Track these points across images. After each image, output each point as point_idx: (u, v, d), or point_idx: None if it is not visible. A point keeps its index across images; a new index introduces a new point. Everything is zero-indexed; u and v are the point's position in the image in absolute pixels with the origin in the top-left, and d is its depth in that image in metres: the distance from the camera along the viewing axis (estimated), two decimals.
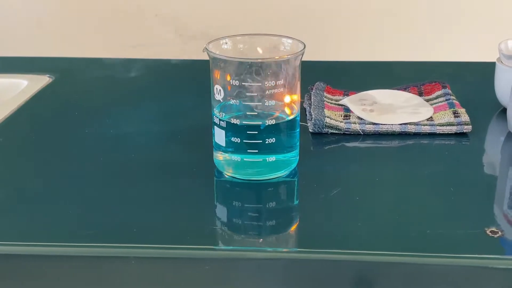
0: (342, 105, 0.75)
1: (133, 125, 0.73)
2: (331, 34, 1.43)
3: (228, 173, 0.60)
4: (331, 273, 0.49)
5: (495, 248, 0.48)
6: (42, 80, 0.87)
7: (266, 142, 0.57)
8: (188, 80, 0.90)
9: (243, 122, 0.57)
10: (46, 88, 0.85)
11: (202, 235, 0.51)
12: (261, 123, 0.57)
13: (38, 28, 1.51)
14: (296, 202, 0.59)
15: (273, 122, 0.57)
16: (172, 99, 0.82)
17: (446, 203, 0.55)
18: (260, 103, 0.57)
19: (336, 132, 0.69)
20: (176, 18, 1.46)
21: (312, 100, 0.75)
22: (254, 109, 0.57)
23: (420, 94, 0.78)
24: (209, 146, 0.62)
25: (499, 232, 0.50)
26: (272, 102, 0.57)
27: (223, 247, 0.50)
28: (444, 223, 0.52)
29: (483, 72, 0.81)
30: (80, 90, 0.87)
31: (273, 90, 0.56)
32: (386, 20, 1.40)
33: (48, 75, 0.89)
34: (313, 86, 0.80)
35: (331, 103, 0.76)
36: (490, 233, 0.50)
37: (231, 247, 0.51)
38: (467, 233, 0.50)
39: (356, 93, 0.79)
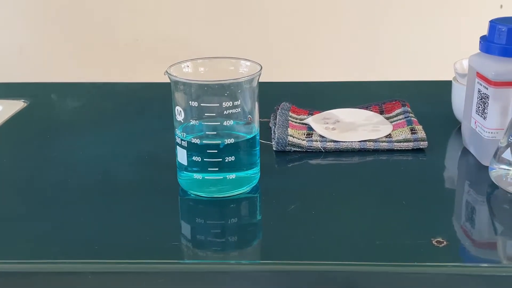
0: (306, 124, 0.78)
1: (102, 147, 0.76)
2: (299, 57, 1.48)
3: (192, 191, 0.62)
4: (287, 282, 0.51)
5: (439, 257, 0.51)
6: (16, 105, 0.89)
7: (226, 160, 0.60)
8: (157, 102, 0.93)
9: (203, 142, 0.60)
10: (20, 112, 0.87)
11: (162, 251, 0.53)
12: (220, 142, 0.60)
13: (19, 54, 1.55)
14: (257, 217, 0.61)
15: (232, 141, 0.60)
16: (142, 121, 0.85)
17: (397, 215, 0.58)
18: (219, 123, 0.60)
19: (299, 150, 0.72)
20: (155, 43, 1.50)
21: (277, 120, 0.78)
22: (214, 129, 0.60)
23: (381, 112, 0.81)
24: (175, 166, 0.64)
25: (444, 242, 0.52)
26: (231, 122, 0.60)
27: (181, 261, 0.52)
28: (393, 234, 0.55)
29: (442, 90, 0.84)
30: (53, 114, 0.89)
31: (231, 110, 0.59)
32: (349, 41, 1.46)
33: (23, 100, 0.91)
34: (279, 106, 0.83)
35: (295, 122, 0.79)
36: (435, 243, 0.52)
37: (190, 260, 0.53)
38: (414, 244, 0.53)
39: (320, 112, 0.82)
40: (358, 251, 0.52)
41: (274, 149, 0.72)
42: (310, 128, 0.77)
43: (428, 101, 0.87)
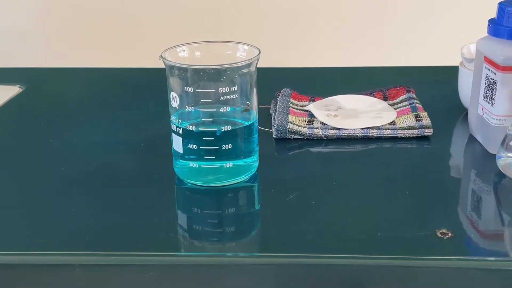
0: (307, 110, 0.76)
1: (97, 134, 0.73)
2: (302, 40, 1.44)
3: (188, 180, 0.60)
4: (286, 276, 0.49)
5: (444, 249, 0.49)
6: (11, 91, 0.87)
7: (223, 148, 0.58)
8: (155, 88, 0.90)
9: (199, 129, 0.58)
10: (14, 98, 0.85)
11: (155, 242, 0.51)
12: (216, 129, 0.57)
13: (20, 40, 1.52)
14: (255, 207, 0.59)
15: (229, 128, 0.58)
16: (138, 107, 0.83)
17: (400, 206, 0.56)
18: (216, 110, 0.57)
19: (299, 137, 0.70)
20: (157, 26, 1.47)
21: (277, 106, 0.76)
22: (210, 116, 0.58)
23: (385, 98, 0.79)
24: (171, 154, 0.62)
25: (449, 234, 0.50)
26: (228, 108, 0.57)
27: (173, 253, 0.50)
28: (396, 226, 0.52)
29: (448, 76, 0.82)
30: (48, 100, 0.87)
31: (227, 96, 0.57)
32: (353, 26, 1.42)
33: (19, 85, 0.89)
34: (280, 92, 0.80)
35: (296, 108, 0.76)
36: (440, 235, 0.50)
37: (183, 252, 0.51)
38: (417, 235, 0.50)
39: (322, 99, 0.79)
40: (360, 243, 0.50)
41: (274, 136, 0.70)
42: (311, 115, 0.74)
43: (433, 87, 0.84)
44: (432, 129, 0.69)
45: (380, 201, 0.57)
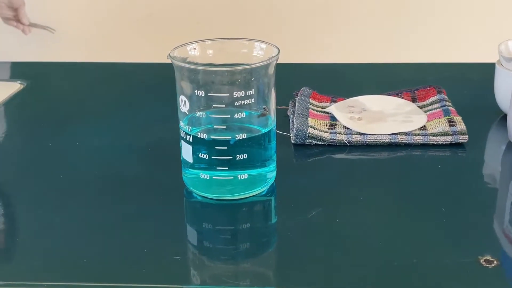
0: (328, 112, 0.70)
1: (100, 136, 0.68)
2: (321, 34, 1.35)
3: (197, 191, 0.54)
4: None
5: (489, 279, 0.43)
6: (12, 87, 0.82)
7: (237, 158, 0.52)
8: (165, 85, 0.84)
9: (211, 137, 0.52)
10: (15, 96, 0.80)
11: (161, 267, 0.45)
12: (230, 137, 0.51)
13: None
14: (271, 225, 0.53)
15: (244, 136, 0.52)
16: (147, 106, 0.77)
17: (437, 226, 0.50)
18: (229, 116, 0.52)
19: (320, 143, 0.64)
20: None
21: (296, 108, 0.70)
22: (223, 122, 0.52)
23: (414, 100, 0.72)
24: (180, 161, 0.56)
25: (495, 262, 0.44)
26: (243, 114, 0.51)
27: (184, 286, 0.45)
28: (432, 251, 0.46)
29: (483, 75, 0.75)
30: (49, 99, 0.82)
31: (243, 101, 0.51)
32: (379, 19, 1.33)
33: (20, 82, 0.84)
34: (299, 91, 0.74)
35: (316, 110, 0.70)
36: (484, 263, 0.44)
37: (191, 286, 0.45)
38: (458, 263, 0.44)
39: (344, 100, 0.73)
40: (392, 271, 0.44)
41: (292, 142, 0.64)
42: (333, 118, 0.68)
43: (467, 88, 0.78)
44: (467, 136, 0.63)
45: (413, 220, 0.51)
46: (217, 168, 0.52)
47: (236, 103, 0.51)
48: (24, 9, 1.32)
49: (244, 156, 0.52)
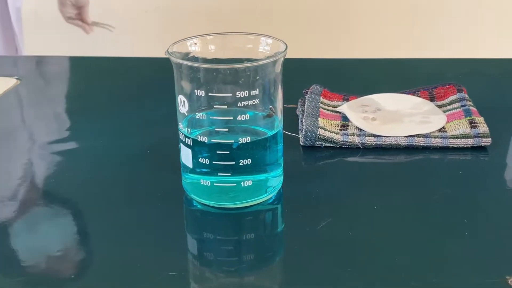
0: (340, 112, 0.65)
1: (96, 136, 0.64)
2: (333, 27, 1.30)
3: (197, 198, 0.50)
4: None
5: None
6: (7, 83, 0.78)
7: (240, 164, 0.48)
8: (166, 81, 0.80)
9: (212, 140, 0.48)
10: (9, 92, 0.76)
11: (156, 285, 0.41)
12: (233, 141, 0.47)
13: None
14: (277, 236, 0.49)
15: (248, 139, 0.47)
16: (147, 103, 0.72)
17: (459, 241, 0.45)
18: (232, 117, 0.47)
19: (331, 145, 0.60)
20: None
21: (305, 107, 0.65)
22: (225, 125, 0.48)
23: (432, 99, 0.68)
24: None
25: None
26: (247, 116, 0.47)
27: None
28: (455, 269, 0.42)
29: (506, 71, 0.70)
30: (45, 95, 0.78)
31: (247, 101, 0.47)
32: (394, 12, 1.27)
33: (16, 77, 0.80)
34: (308, 89, 0.70)
35: (327, 110, 0.66)
36: None
37: None
38: (483, 283, 0.40)
39: (357, 98, 0.68)
40: None
41: (301, 144, 0.60)
42: (345, 118, 0.64)
43: (488, 85, 0.73)
44: (490, 138, 0.58)
45: (433, 234, 0.46)
46: (219, 173, 0.48)
47: (239, 104, 0.46)
48: (88, 7, 1.29)
49: (248, 161, 0.48)
